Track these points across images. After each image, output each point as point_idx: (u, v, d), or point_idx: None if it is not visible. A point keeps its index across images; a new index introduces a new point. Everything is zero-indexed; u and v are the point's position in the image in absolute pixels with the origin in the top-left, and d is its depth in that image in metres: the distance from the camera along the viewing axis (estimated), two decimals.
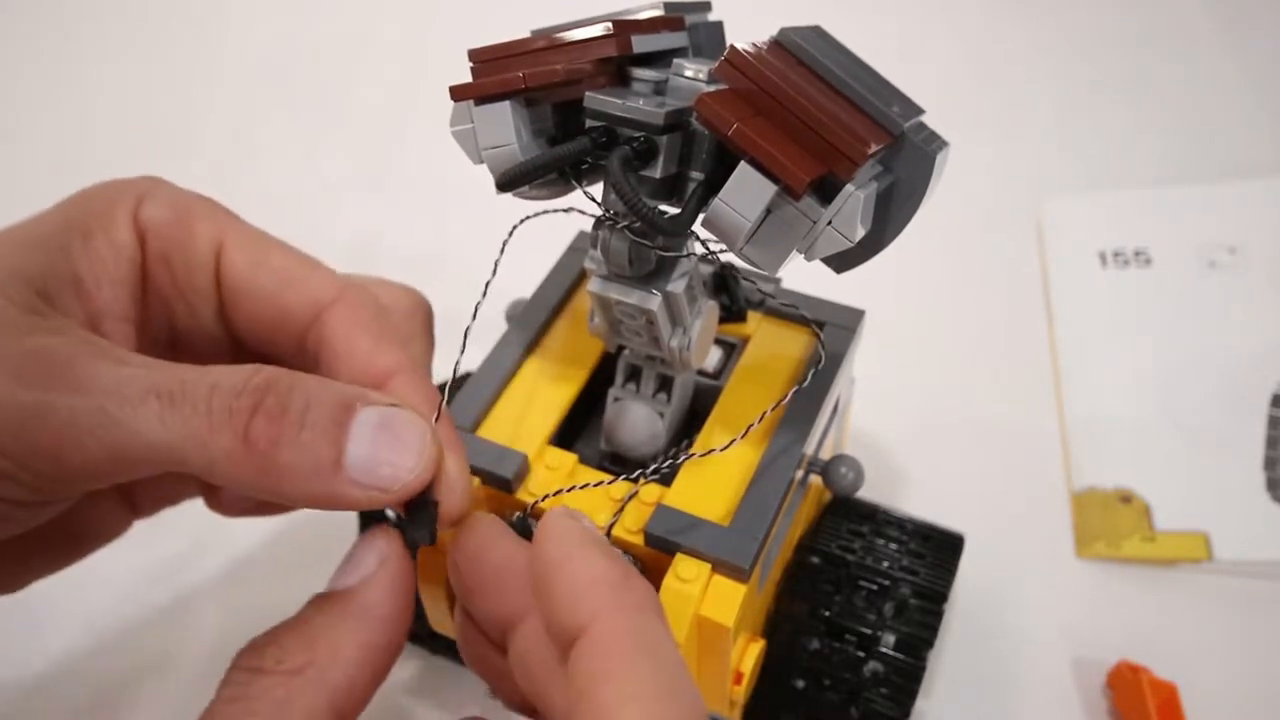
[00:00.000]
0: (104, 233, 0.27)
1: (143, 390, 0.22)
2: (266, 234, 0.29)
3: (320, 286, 0.28)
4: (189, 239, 0.28)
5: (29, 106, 0.70)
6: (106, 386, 0.22)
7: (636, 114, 0.24)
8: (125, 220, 0.27)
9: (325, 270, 0.29)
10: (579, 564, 0.22)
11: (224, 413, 0.22)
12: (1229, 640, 0.40)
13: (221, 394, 0.22)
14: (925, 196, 0.25)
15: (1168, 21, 0.69)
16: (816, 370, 0.29)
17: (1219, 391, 0.47)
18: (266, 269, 0.28)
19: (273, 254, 0.28)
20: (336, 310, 0.28)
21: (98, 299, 0.26)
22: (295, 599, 0.25)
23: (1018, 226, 0.57)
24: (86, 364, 0.22)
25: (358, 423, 0.23)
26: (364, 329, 0.28)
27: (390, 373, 0.27)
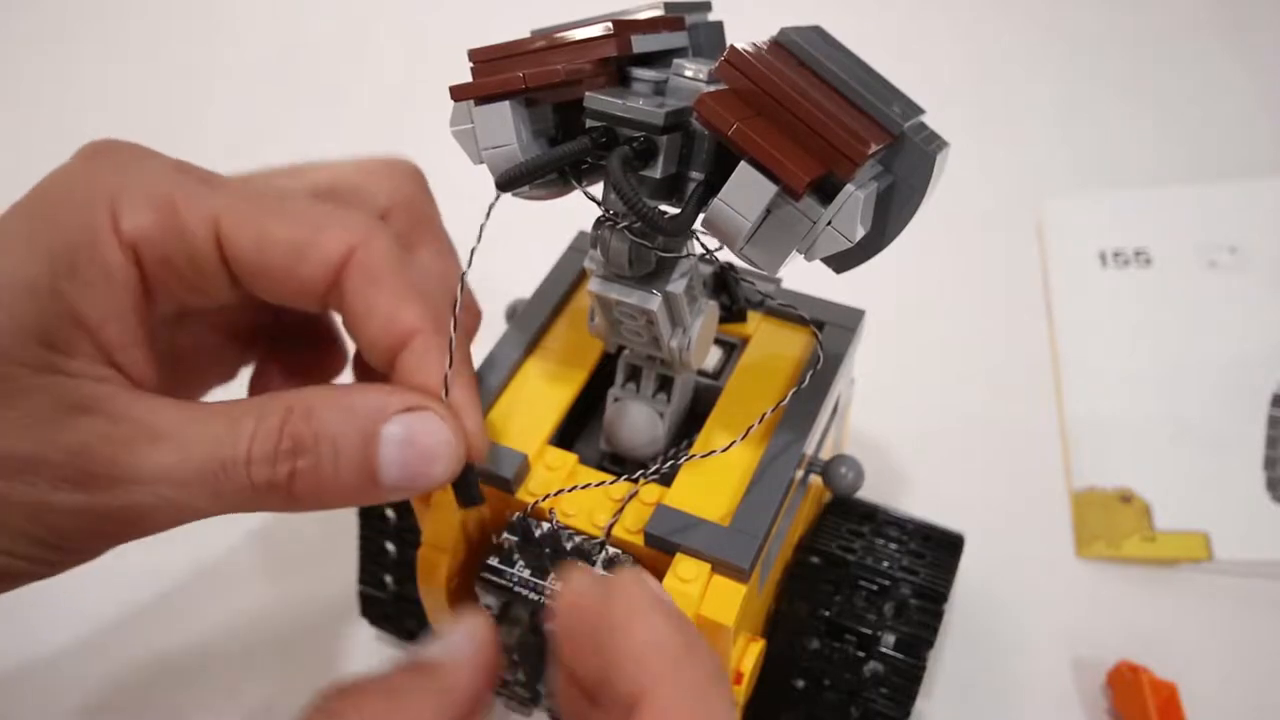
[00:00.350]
0: (92, 262, 0.24)
1: (191, 476, 0.24)
2: (259, 198, 0.27)
3: (331, 248, 0.26)
4: (183, 235, 0.26)
5: (29, 106, 0.70)
6: (156, 476, 0.24)
7: (636, 114, 0.24)
8: (109, 239, 0.25)
9: (331, 224, 0.27)
10: (642, 627, 0.22)
11: (265, 484, 0.24)
12: (1229, 640, 0.40)
13: (258, 467, 0.24)
14: (925, 196, 0.25)
15: (1168, 21, 0.69)
16: (815, 370, 0.29)
17: (1219, 391, 0.47)
18: (271, 245, 0.26)
19: (273, 225, 0.26)
20: (351, 272, 0.27)
21: (104, 334, 0.25)
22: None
23: (1018, 226, 0.57)
24: (134, 458, 0.23)
25: (384, 444, 0.25)
26: (380, 287, 0.27)
27: (410, 333, 0.27)
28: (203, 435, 0.24)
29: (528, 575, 0.29)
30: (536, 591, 0.29)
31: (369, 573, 0.38)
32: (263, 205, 0.27)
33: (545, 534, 0.29)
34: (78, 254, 0.24)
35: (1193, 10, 0.69)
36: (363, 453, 0.25)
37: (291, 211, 0.27)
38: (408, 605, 0.37)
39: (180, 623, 0.42)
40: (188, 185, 0.26)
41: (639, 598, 0.22)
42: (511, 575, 0.29)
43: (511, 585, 0.29)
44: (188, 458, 0.24)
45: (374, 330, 0.27)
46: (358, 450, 0.25)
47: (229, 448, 0.24)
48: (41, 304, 0.24)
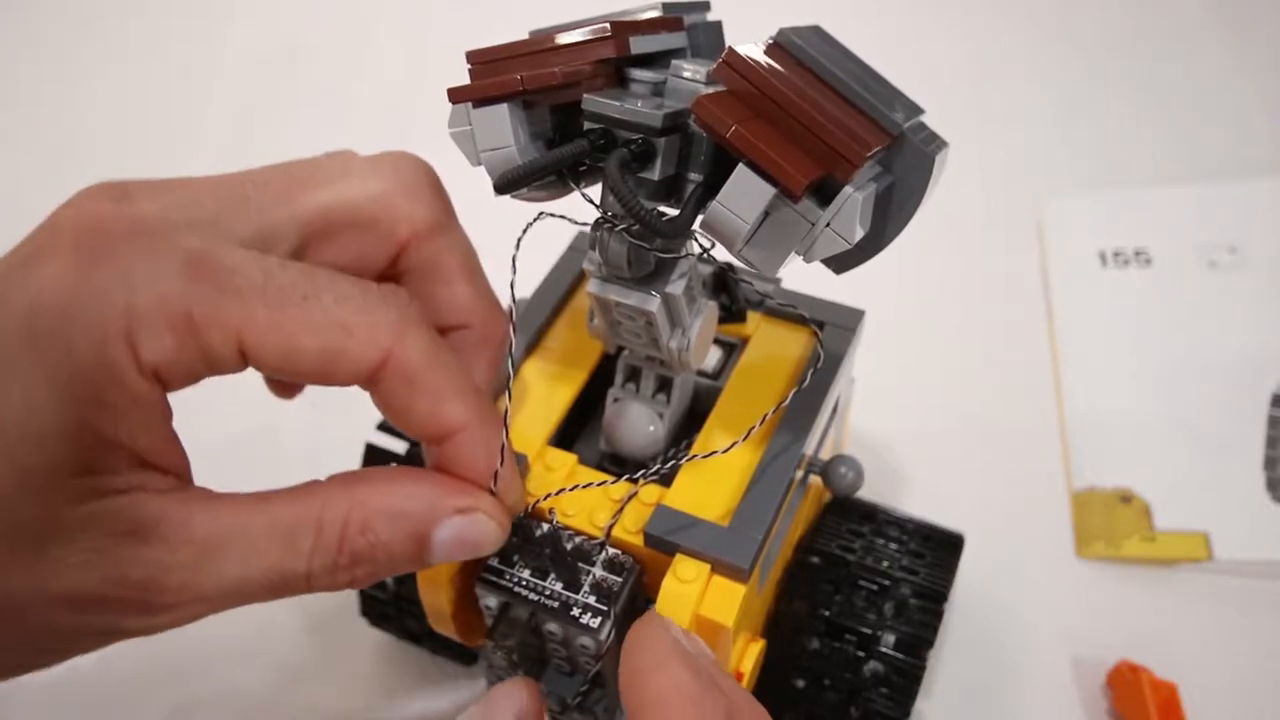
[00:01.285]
0: (119, 392, 0.23)
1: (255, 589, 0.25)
2: (282, 304, 0.24)
3: (363, 355, 0.25)
4: (206, 356, 0.24)
5: (29, 105, 0.70)
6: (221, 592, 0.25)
7: (634, 116, 0.24)
8: (131, 372, 0.23)
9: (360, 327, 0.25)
10: (664, 675, 0.24)
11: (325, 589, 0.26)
12: (1229, 640, 0.40)
13: (318, 579, 0.25)
14: (925, 197, 0.25)
15: (1168, 21, 0.69)
16: (815, 370, 0.29)
17: (1219, 391, 0.47)
18: (300, 356, 0.24)
19: (299, 336, 0.24)
20: (388, 374, 0.25)
21: (140, 446, 0.24)
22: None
23: (1018, 226, 0.57)
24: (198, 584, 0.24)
25: (436, 544, 0.26)
26: (418, 389, 0.26)
27: (452, 430, 0.26)
28: (264, 550, 0.25)
29: (528, 576, 0.29)
30: (536, 592, 0.29)
31: None
32: (286, 313, 0.24)
33: (545, 534, 0.29)
34: (101, 388, 0.23)
35: (1192, 10, 0.69)
36: (415, 555, 0.26)
37: (318, 319, 0.24)
38: (408, 605, 0.37)
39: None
40: (203, 296, 0.23)
41: (660, 645, 0.25)
42: (511, 575, 0.29)
43: (511, 586, 0.29)
44: (248, 573, 0.25)
45: (416, 428, 0.27)
46: (411, 554, 0.26)
47: (290, 563, 0.25)
48: (72, 439, 0.23)
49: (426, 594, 0.31)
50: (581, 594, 0.29)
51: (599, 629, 0.28)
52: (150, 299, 0.23)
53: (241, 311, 0.23)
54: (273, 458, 0.47)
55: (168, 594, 0.24)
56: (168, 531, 0.24)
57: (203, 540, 0.24)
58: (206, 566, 0.24)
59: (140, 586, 0.24)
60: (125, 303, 0.22)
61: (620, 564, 0.29)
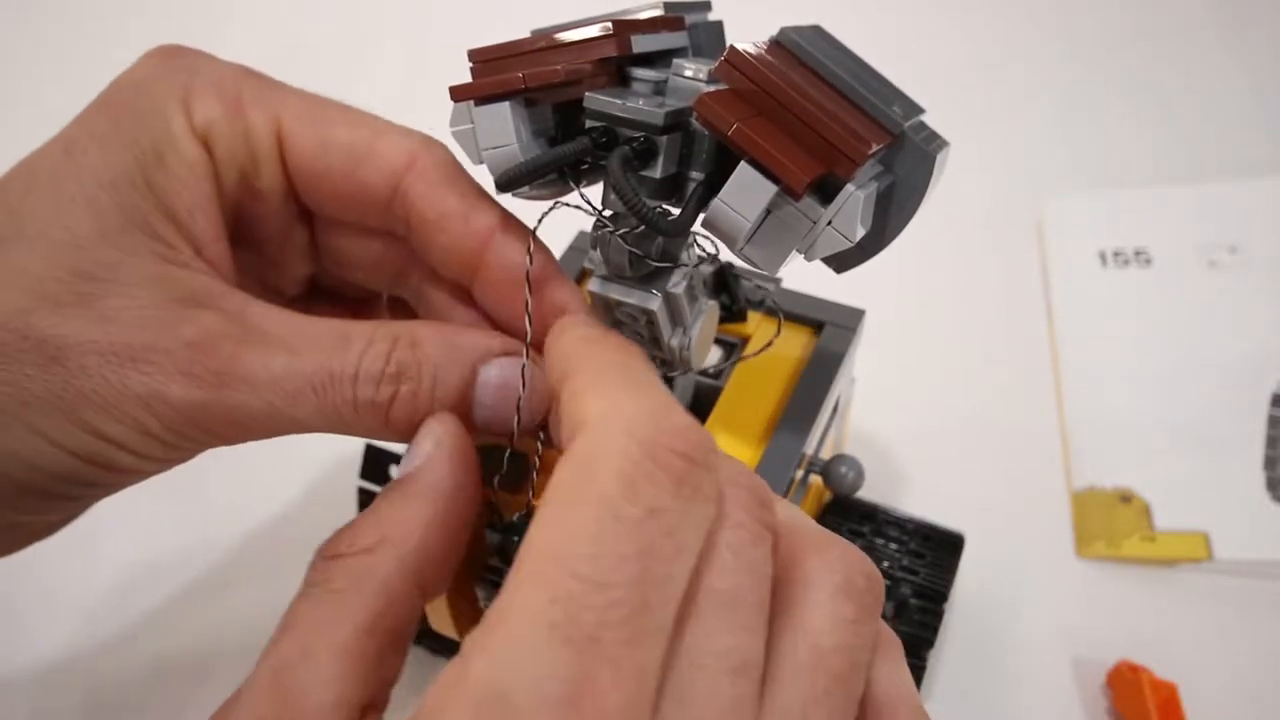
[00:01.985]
0: (175, 153, 0.25)
1: (301, 384, 0.24)
2: (320, 100, 0.27)
3: (392, 153, 0.27)
4: (247, 132, 0.26)
5: (29, 106, 0.70)
6: (269, 382, 0.24)
7: (636, 114, 0.24)
8: (185, 133, 0.25)
9: (390, 132, 0.27)
10: (564, 335, 0.25)
11: (368, 404, 0.25)
12: (1229, 640, 0.40)
13: (364, 385, 0.24)
14: (925, 196, 0.25)
15: (1168, 21, 0.69)
16: (815, 370, 0.29)
17: (1219, 391, 0.47)
18: (334, 148, 0.27)
19: (336, 127, 0.27)
20: (414, 178, 0.27)
21: (194, 228, 0.25)
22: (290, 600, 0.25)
23: (1018, 226, 0.57)
24: (247, 358, 0.24)
25: (481, 383, 0.26)
26: (449, 189, 0.27)
27: (489, 231, 0.27)
28: (313, 347, 0.24)
29: None
30: None
31: None
32: (325, 108, 0.27)
33: None
34: (161, 147, 0.25)
35: (1192, 10, 0.69)
36: (460, 387, 0.25)
37: (353, 117, 0.27)
38: None
39: (180, 623, 0.42)
40: (253, 83, 0.27)
41: (564, 322, 0.25)
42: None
43: None
44: (298, 367, 0.24)
45: (452, 234, 0.27)
46: (456, 384, 0.25)
47: (337, 363, 0.24)
48: (139, 195, 0.24)
49: None
50: None
51: None
52: (207, 80, 0.26)
53: (284, 100, 0.27)
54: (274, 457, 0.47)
55: (217, 361, 0.23)
56: (226, 306, 0.24)
57: (256, 324, 0.24)
58: (257, 346, 0.24)
59: (192, 346, 0.23)
60: (187, 80, 0.26)
61: None
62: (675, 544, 0.19)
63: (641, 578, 0.18)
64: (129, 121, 0.25)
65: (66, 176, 0.24)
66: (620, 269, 0.27)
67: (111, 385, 0.23)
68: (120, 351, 0.23)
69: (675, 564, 0.18)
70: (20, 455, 0.23)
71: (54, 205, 0.24)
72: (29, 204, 0.24)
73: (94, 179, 0.24)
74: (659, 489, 0.19)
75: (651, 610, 0.18)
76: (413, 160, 0.27)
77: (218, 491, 0.45)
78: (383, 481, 0.37)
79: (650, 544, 0.18)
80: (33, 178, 0.25)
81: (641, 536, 0.18)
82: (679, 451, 0.19)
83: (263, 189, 0.27)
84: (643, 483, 0.18)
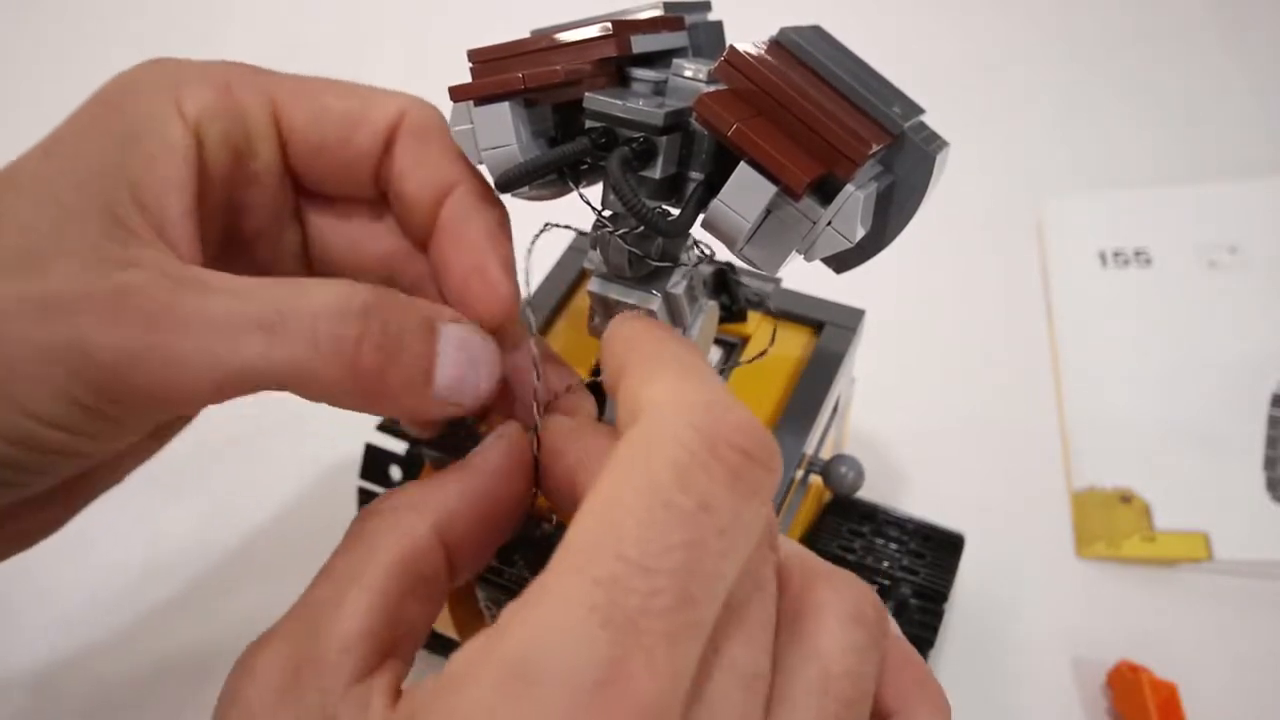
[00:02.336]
0: (155, 136, 0.25)
1: (245, 323, 0.22)
2: (311, 78, 0.28)
3: (381, 114, 0.28)
4: (242, 113, 0.27)
5: (29, 106, 0.70)
6: (206, 322, 0.22)
7: (636, 114, 0.24)
8: (173, 117, 0.25)
9: (381, 94, 0.28)
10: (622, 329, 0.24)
11: (331, 342, 0.23)
12: (1229, 640, 0.40)
13: (326, 322, 0.23)
14: (925, 196, 0.25)
15: (1168, 21, 0.69)
16: (815, 370, 0.29)
17: (1219, 391, 0.47)
18: (326, 115, 0.27)
19: (329, 97, 0.28)
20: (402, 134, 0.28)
21: (161, 211, 0.25)
22: (294, 600, 0.25)
23: (1018, 226, 0.57)
24: (181, 300, 0.22)
25: (442, 342, 0.25)
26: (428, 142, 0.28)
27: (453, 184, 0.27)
28: (262, 289, 0.23)
29: (528, 576, 0.29)
30: None
31: None
32: (315, 83, 0.28)
33: (546, 534, 0.29)
34: (142, 134, 0.25)
35: (1192, 10, 0.69)
36: (424, 339, 0.25)
37: (343, 88, 0.28)
38: None
39: (180, 623, 0.42)
40: (242, 70, 0.27)
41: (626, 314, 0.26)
42: (511, 575, 0.29)
43: (511, 585, 0.29)
44: (242, 306, 0.22)
45: (419, 181, 0.27)
46: (420, 337, 0.25)
47: (291, 299, 0.23)
48: (108, 183, 0.24)
49: None
50: None
51: None
52: (196, 73, 0.26)
53: (276, 80, 0.27)
54: (274, 458, 0.47)
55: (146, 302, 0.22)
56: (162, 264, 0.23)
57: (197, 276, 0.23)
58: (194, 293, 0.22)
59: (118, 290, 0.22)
60: (176, 75, 0.26)
61: None
62: (726, 543, 0.18)
63: (688, 569, 0.17)
64: (111, 115, 0.25)
65: (39, 171, 0.24)
66: (620, 269, 0.27)
67: (34, 342, 0.21)
68: (42, 300, 0.21)
69: (724, 563, 0.18)
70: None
71: (18, 196, 0.24)
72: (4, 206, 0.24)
73: (64, 170, 0.24)
74: (714, 483, 0.18)
75: (695, 605, 0.17)
76: (400, 118, 0.28)
77: (218, 492, 0.45)
78: (383, 481, 0.37)
79: (700, 538, 0.18)
80: (14, 181, 0.24)
81: (691, 528, 0.18)
82: (739, 446, 0.19)
83: (259, 170, 0.27)
84: (697, 473, 0.18)
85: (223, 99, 0.26)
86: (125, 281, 0.22)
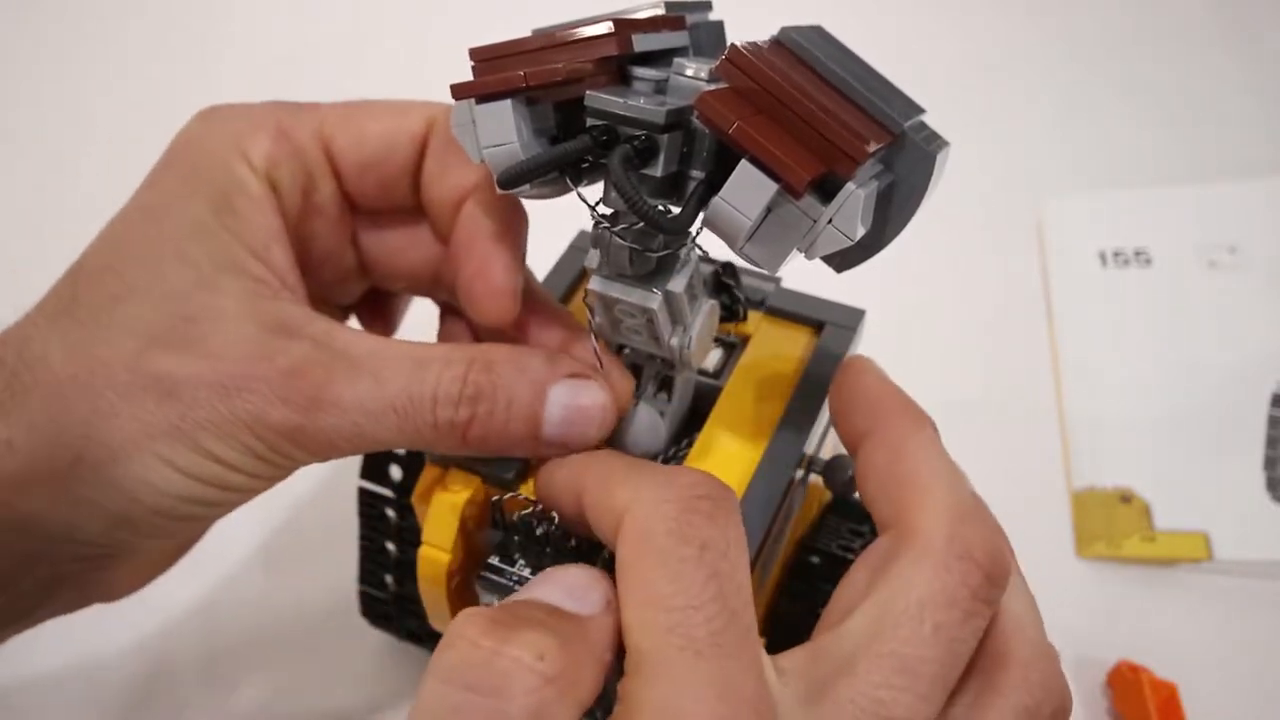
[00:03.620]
0: (242, 196, 0.28)
1: (383, 407, 0.26)
2: (350, 105, 0.31)
3: (413, 125, 0.30)
4: (299, 153, 0.29)
5: (29, 106, 0.70)
6: (354, 404, 0.26)
7: (637, 113, 0.24)
8: (247, 174, 0.28)
9: (411, 108, 0.31)
10: (871, 380, 0.29)
11: (447, 425, 0.27)
12: (1229, 640, 0.40)
13: (442, 406, 0.27)
14: (926, 196, 0.25)
15: (1168, 21, 0.69)
16: (815, 370, 0.29)
17: (1219, 391, 0.47)
18: (369, 138, 0.30)
19: (366, 121, 0.30)
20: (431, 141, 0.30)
21: (273, 261, 0.28)
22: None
23: (1018, 226, 0.57)
24: (335, 384, 0.26)
25: (550, 404, 0.28)
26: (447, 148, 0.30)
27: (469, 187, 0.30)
28: (396, 371, 0.27)
29: (528, 575, 0.29)
30: None
31: (369, 573, 0.38)
32: (354, 108, 0.31)
33: (546, 533, 0.29)
34: (228, 191, 0.28)
35: (1193, 10, 0.69)
36: (531, 407, 0.27)
37: (378, 109, 0.31)
38: (408, 605, 0.37)
39: (180, 622, 0.42)
40: (289, 111, 0.30)
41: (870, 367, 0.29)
42: (512, 575, 0.29)
43: (512, 585, 0.29)
44: (381, 391, 0.26)
45: (442, 187, 0.30)
46: (528, 405, 0.27)
47: (417, 385, 0.26)
48: (221, 240, 0.27)
49: (426, 594, 0.31)
50: None
51: None
52: (248, 123, 0.29)
53: (318, 115, 0.30)
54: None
55: (311, 387, 0.26)
56: (313, 334, 0.27)
57: (343, 350, 0.27)
58: (344, 372, 0.26)
59: (288, 374, 0.26)
60: (234, 128, 0.29)
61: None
62: (730, 562, 0.22)
63: (721, 593, 0.21)
64: (193, 177, 0.28)
65: (154, 238, 0.27)
66: (621, 267, 0.27)
67: (221, 414, 0.25)
68: (226, 383, 0.26)
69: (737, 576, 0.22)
70: (150, 482, 0.26)
71: (152, 264, 0.27)
72: (130, 268, 0.27)
73: (178, 234, 0.27)
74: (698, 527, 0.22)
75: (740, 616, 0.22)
76: (430, 125, 0.30)
77: None
78: (383, 481, 0.36)
79: (715, 569, 0.22)
80: (124, 243, 0.28)
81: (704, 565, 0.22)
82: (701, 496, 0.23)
83: (322, 202, 0.30)
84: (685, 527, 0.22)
85: (281, 145, 0.29)
86: (289, 366, 0.26)
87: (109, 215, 0.29)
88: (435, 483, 0.30)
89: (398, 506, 0.37)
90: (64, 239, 0.30)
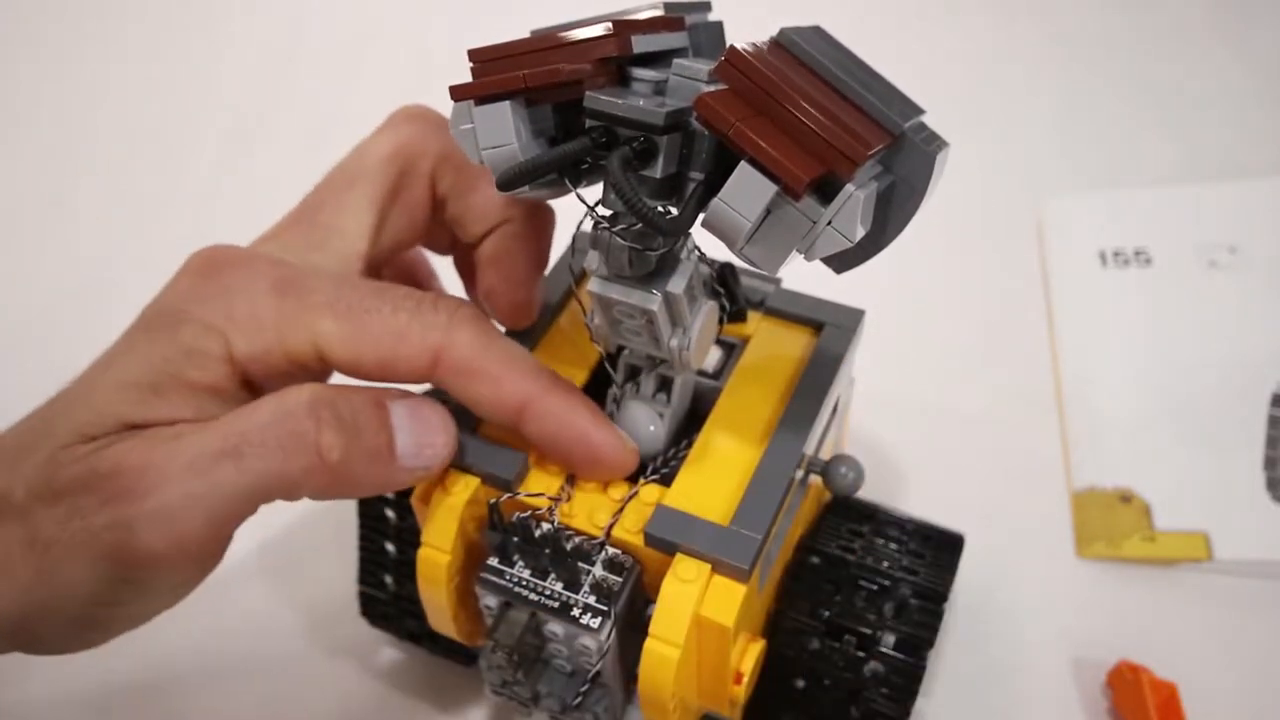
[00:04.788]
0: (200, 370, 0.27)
1: (208, 458, 0.25)
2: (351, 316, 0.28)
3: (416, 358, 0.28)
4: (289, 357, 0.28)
5: (29, 106, 0.70)
6: (176, 473, 0.25)
7: (637, 114, 0.24)
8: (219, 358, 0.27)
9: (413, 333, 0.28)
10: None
11: (293, 440, 0.25)
12: (1229, 640, 0.40)
13: (281, 425, 0.26)
14: (925, 197, 0.25)
15: (1168, 21, 0.69)
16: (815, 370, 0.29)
17: (1219, 392, 0.47)
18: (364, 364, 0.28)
19: (363, 348, 0.28)
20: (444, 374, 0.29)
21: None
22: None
23: (1018, 226, 0.57)
24: (151, 465, 0.25)
25: (394, 415, 0.28)
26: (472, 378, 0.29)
27: (519, 405, 0.29)
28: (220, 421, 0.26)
29: (528, 575, 0.29)
30: (536, 592, 0.29)
31: (369, 573, 0.38)
32: (352, 323, 0.28)
33: (545, 534, 0.29)
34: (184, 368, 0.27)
35: (1192, 10, 0.69)
36: (378, 415, 0.27)
37: (376, 329, 0.28)
38: (408, 605, 0.37)
39: (180, 623, 0.42)
40: (287, 311, 0.28)
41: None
42: (511, 575, 0.29)
43: (511, 585, 0.29)
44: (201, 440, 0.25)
45: (487, 410, 0.29)
46: (373, 413, 0.27)
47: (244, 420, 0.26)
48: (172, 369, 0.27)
49: (426, 594, 0.31)
50: (582, 594, 0.28)
51: (599, 629, 0.28)
52: (245, 311, 0.28)
53: (315, 326, 0.28)
54: None
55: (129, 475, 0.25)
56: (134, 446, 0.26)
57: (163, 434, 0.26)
58: (157, 448, 0.25)
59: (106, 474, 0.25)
60: (226, 310, 0.27)
61: (620, 564, 0.29)
62: None
63: None
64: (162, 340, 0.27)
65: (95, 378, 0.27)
66: (620, 269, 0.27)
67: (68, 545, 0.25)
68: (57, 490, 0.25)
69: None
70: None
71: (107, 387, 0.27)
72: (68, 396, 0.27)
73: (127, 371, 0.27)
74: None
75: None
76: (437, 357, 0.28)
77: None
78: None
79: None
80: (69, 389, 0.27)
81: None
82: None
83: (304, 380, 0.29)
84: None
85: (271, 348, 0.28)
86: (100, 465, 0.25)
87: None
88: (434, 484, 0.30)
89: (397, 507, 0.37)
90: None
